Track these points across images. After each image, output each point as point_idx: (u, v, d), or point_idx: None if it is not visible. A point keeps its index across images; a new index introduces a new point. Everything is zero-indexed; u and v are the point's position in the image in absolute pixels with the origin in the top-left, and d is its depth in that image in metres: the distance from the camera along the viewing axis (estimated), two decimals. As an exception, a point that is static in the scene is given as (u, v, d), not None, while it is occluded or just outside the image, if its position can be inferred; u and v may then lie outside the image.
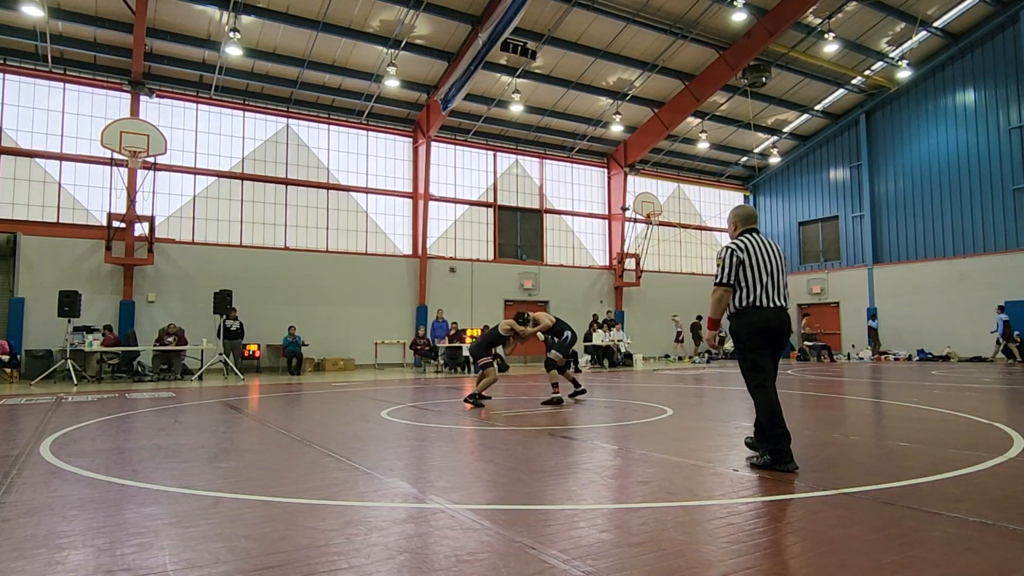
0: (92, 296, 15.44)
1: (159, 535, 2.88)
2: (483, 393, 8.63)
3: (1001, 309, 19.63)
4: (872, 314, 22.00)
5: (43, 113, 16.03)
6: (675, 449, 5.01)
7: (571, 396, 9.06)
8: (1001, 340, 19.42)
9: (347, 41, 17.13)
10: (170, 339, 14.77)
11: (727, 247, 4.38)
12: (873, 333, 21.75)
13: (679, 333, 23.06)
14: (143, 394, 10.63)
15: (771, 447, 4.16)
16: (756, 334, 4.28)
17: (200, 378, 14.56)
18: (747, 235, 4.46)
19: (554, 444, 5.39)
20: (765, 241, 4.43)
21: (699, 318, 23.52)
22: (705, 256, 27.29)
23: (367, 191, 20.14)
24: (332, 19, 16.45)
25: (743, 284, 4.32)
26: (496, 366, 8.74)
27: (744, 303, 4.32)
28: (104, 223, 15.81)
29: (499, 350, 9.13)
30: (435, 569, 2.44)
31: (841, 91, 23.41)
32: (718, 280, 4.40)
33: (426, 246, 20.29)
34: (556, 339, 8.74)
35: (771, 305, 4.28)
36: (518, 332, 8.73)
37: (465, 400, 8.59)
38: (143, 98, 16.89)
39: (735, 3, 17.19)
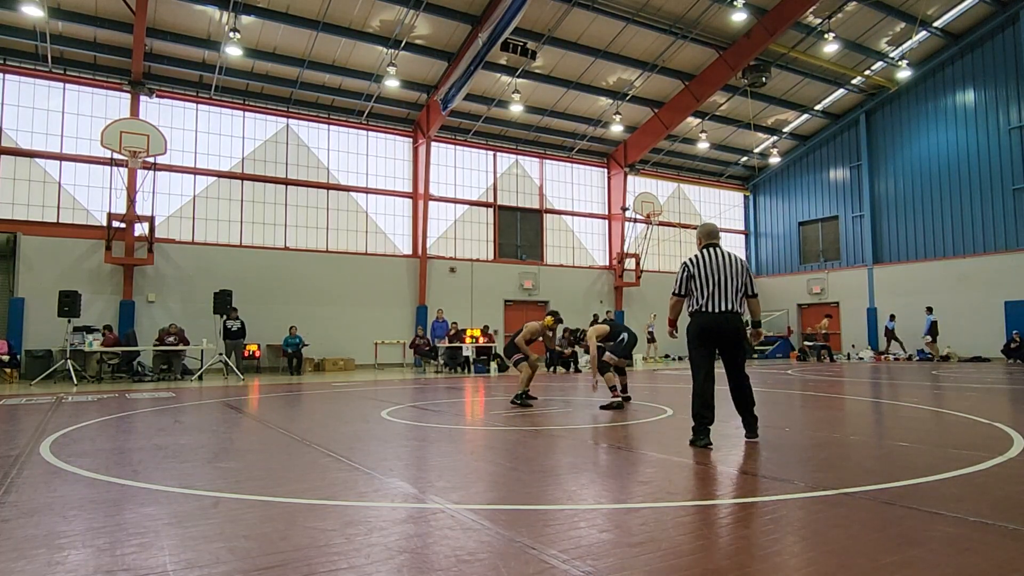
0: (92, 296, 15.44)
1: (159, 535, 2.88)
2: (529, 392, 8.49)
3: (930, 311, 20.57)
4: (891, 316, 21.82)
5: (43, 113, 16.03)
6: (675, 449, 5.01)
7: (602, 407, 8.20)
8: (925, 338, 20.58)
9: (347, 41, 17.14)
10: (171, 339, 14.77)
11: (686, 262, 5.28)
12: (891, 334, 21.59)
13: (651, 333, 22.99)
14: (143, 394, 10.63)
15: (694, 424, 5.07)
16: (697, 334, 5.20)
17: (200, 378, 14.56)
18: (707, 249, 5.28)
19: (554, 444, 5.39)
20: (721, 255, 5.21)
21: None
22: (705, 256, 27.25)
23: (367, 191, 20.14)
24: (332, 19, 16.45)
25: (693, 292, 5.20)
26: (528, 360, 8.52)
27: (692, 307, 5.24)
28: (104, 223, 15.81)
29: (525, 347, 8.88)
30: (435, 569, 2.43)
31: (841, 91, 23.41)
32: (673, 290, 5.35)
33: (426, 246, 20.29)
34: (611, 343, 8.32)
35: (714, 310, 5.10)
36: (547, 335, 8.90)
37: (511, 401, 8.42)
38: (143, 98, 16.90)
39: (735, 3, 17.19)
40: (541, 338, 9.10)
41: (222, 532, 2.92)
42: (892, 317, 21.65)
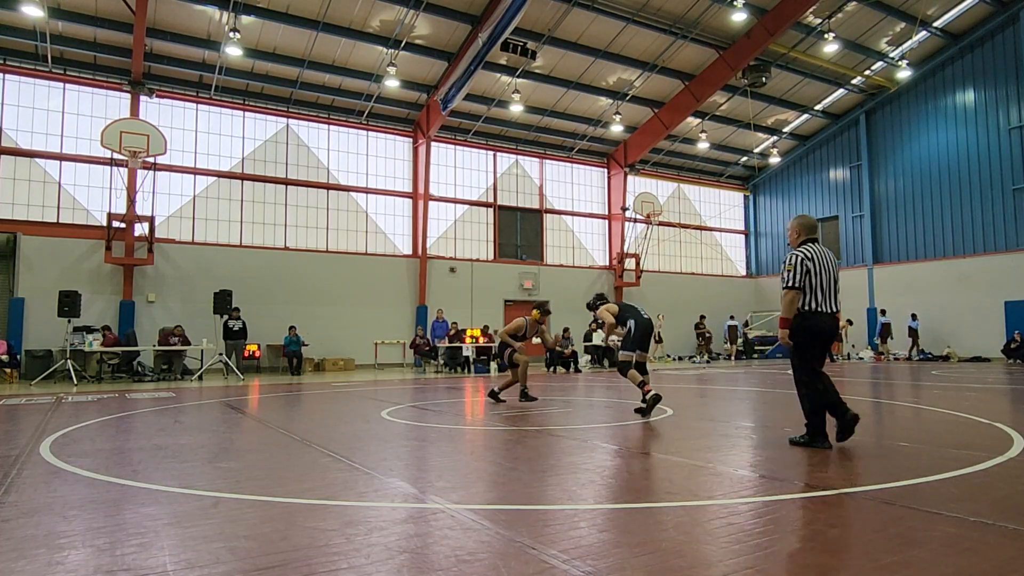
0: (92, 296, 15.44)
1: (159, 535, 2.88)
2: (529, 393, 8.60)
3: (883, 312, 20.98)
4: (912, 315, 21.71)
5: (43, 113, 16.03)
6: (675, 449, 5.01)
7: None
8: (877, 339, 21.08)
9: (347, 41, 17.13)
10: (175, 340, 14.79)
11: (795, 254, 4.79)
12: (913, 333, 21.46)
13: (659, 334, 22.92)
14: (143, 394, 10.63)
15: (810, 425, 4.83)
16: (811, 338, 4.76)
17: (200, 378, 14.56)
18: (809, 244, 4.87)
19: (554, 444, 5.39)
20: (824, 251, 4.86)
21: (702, 317, 23.54)
22: (705, 256, 27.30)
23: (367, 191, 20.14)
24: (332, 19, 16.45)
25: (805, 291, 4.74)
26: (517, 352, 8.54)
27: (804, 307, 4.77)
28: (104, 223, 15.81)
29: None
30: (435, 569, 2.43)
31: (841, 91, 23.41)
32: (789, 284, 4.75)
33: (426, 246, 20.29)
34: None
35: (827, 311, 4.75)
36: (541, 331, 8.72)
37: (520, 400, 8.52)
38: (143, 98, 16.90)
39: (735, 3, 17.19)
40: (536, 337, 9.01)
41: (222, 532, 2.92)
42: (914, 316, 21.51)
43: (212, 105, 18.02)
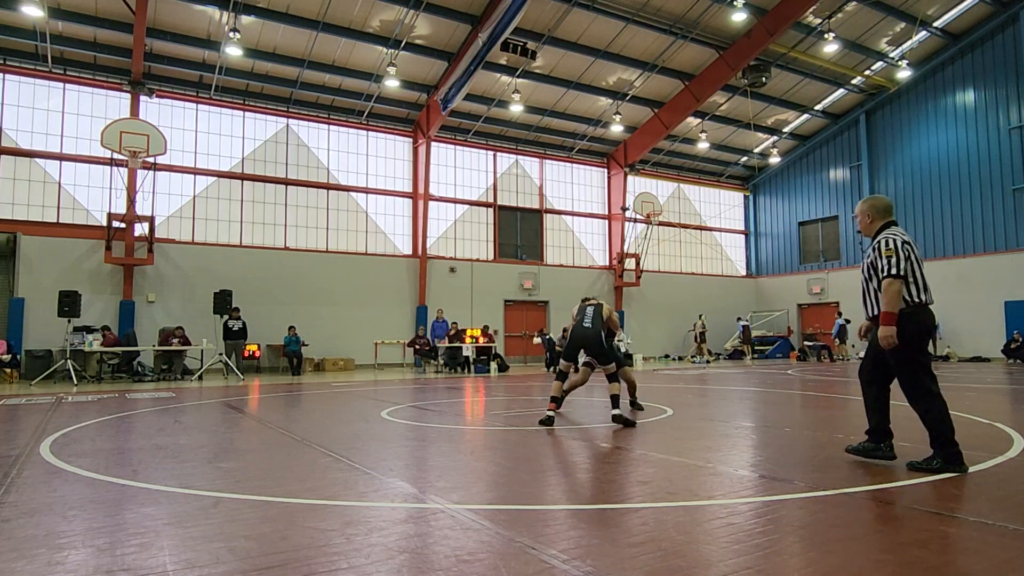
0: (92, 296, 15.44)
1: (159, 535, 2.88)
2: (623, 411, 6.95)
3: (839, 315, 21.46)
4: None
5: (43, 113, 16.03)
6: (675, 449, 5.01)
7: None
8: (836, 340, 21.61)
9: (347, 41, 17.13)
10: (175, 340, 14.79)
11: (893, 237, 4.06)
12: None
13: (702, 334, 22.89)
14: (143, 394, 10.63)
15: (947, 451, 3.97)
16: (924, 336, 4.05)
17: (200, 378, 14.56)
18: (894, 227, 4.18)
19: (554, 444, 5.39)
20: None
21: (700, 317, 23.52)
22: (705, 256, 27.30)
23: (367, 191, 20.14)
24: (332, 19, 16.45)
25: (908, 278, 4.01)
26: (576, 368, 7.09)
27: (914, 299, 4.02)
28: (104, 223, 15.81)
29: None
30: (435, 569, 2.43)
31: (841, 91, 23.41)
32: (895, 271, 3.97)
33: (426, 246, 20.29)
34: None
35: (931, 303, 4.09)
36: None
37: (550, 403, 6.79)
38: (143, 98, 16.89)
39: (735, 3, 17.19)
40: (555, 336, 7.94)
41: (222, 532, 2.92)
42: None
43: (212, 105, 18.02)
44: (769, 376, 13.99)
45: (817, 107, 24.24)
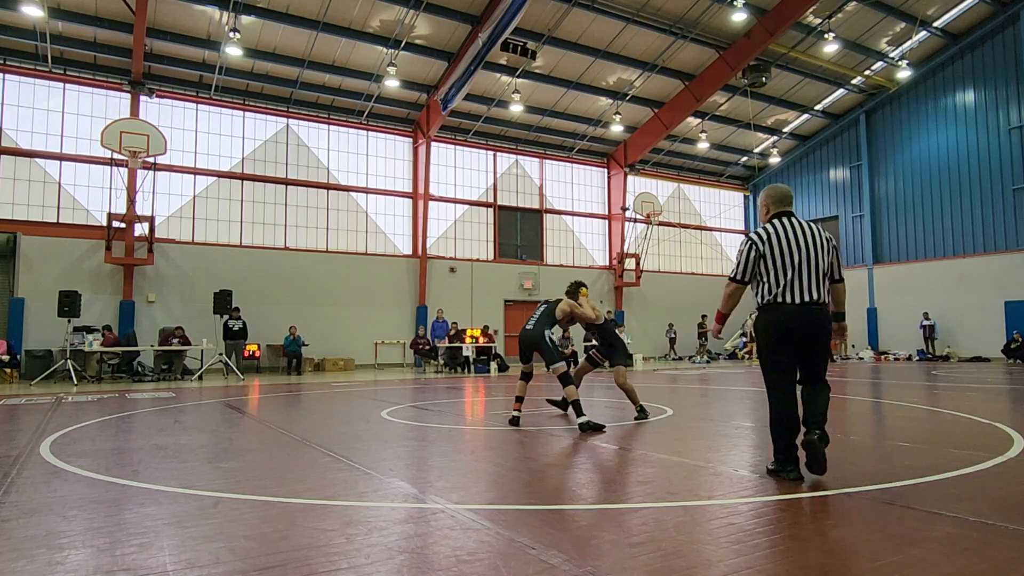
0: (92, 296, 15.43)
1: (159, 535, 2.88)
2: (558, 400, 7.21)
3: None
4: (925, 313, 21.57)
5: (43, 113, 16.03)
6: (675, 449, 5.01)
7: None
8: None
9: (347, 41, 17.13)
10: (175, 340, 14.80)
11: (748, 237, 4.04)
12: (930, 332, 21.33)
13: (703, 334, 23.02)
14: (143, 394, 10.63)
15: (779, 453, 3.93)
16: (774, 335, 3.92)
17: (200, 378, 14.56)
18: (780, 220, 4.00)
19: (554, 444, 5.39)
20: (800, 226, 3.95)
21: (704, 317, 23.55)
22: (705, 256, 27.29)
23: (367, 191, 20.14)
24: (332, 19, 16.45)
25: (764, 278, 3.94)
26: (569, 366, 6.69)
27: (763, 299, 3.96)
28: (104, 223, 15.81)
29: (555, 338, 6.81)
30: (435, 569, 2.43)
31: (841, 91, 23.41)
32: (731, 275, 4.06)
33: (426, 246, 20.29)
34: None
35: (795, 301, 3.84)
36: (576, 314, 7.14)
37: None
38: (143, 98, 16.89)
39: (735, 3, 17.19)
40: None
41: (222, 532, 2.92)
42: (926, 315, 21.43)
43: (212, 105, 18.02)
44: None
45: (817, 107, 24.24)
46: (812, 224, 4.00)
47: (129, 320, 15.88)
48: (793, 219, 3.99)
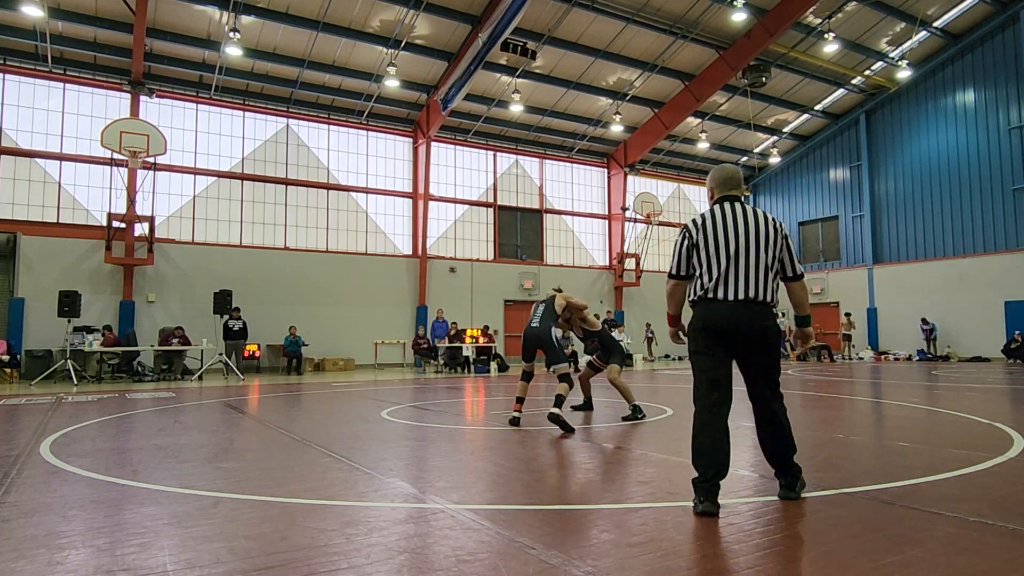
0: (92, 296, 15.44)
1: (159, 535, 2.88)
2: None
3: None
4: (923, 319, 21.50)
5: (43, 113, 16.03)
6: (675, 449, 5.00)
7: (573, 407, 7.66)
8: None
9: (347, 41, 17.13)
10: (175, 340, 14.80)
11: (684, 232, 3.48)
12: (930, 332, 21.24)
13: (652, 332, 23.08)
14: (143, 394, 10.63)
15: (695, 477, 3.21)
16: (701, 334, 3.37)
17: (200, 378, 14.56)
18: (722, 205, 3.47)
19: (554, 444, 5.39)
20: (742, 213, 3.40)
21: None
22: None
23: (367, 191, 20.14)
24: (332, 19, 16.45)
25: (696, 270, 3.41)
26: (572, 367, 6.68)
27: (694, 294, 3.43)
28: (104, 223, 15.81)
29: (559, 339, 6.88)
30: (435, 569, 2.43)
31: (841, 91, 23.41)
32: (669, 270, 3.54)
33: (426, 246, 20.29)
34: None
35: (727, 298, 3.29)
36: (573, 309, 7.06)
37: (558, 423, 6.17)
38: (143, 98, 16.90)
39: (735, 3, 17.19)
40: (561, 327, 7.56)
41: (222, 532, 2.92)
42: (925, 320, 21.37)
43: (212, 105, 18.02)
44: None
45: (817, 107, 24.24)
46: (761, 211, 3.45)
47: (129, 320, 15.88)
48: (736, 204, 3.44)
